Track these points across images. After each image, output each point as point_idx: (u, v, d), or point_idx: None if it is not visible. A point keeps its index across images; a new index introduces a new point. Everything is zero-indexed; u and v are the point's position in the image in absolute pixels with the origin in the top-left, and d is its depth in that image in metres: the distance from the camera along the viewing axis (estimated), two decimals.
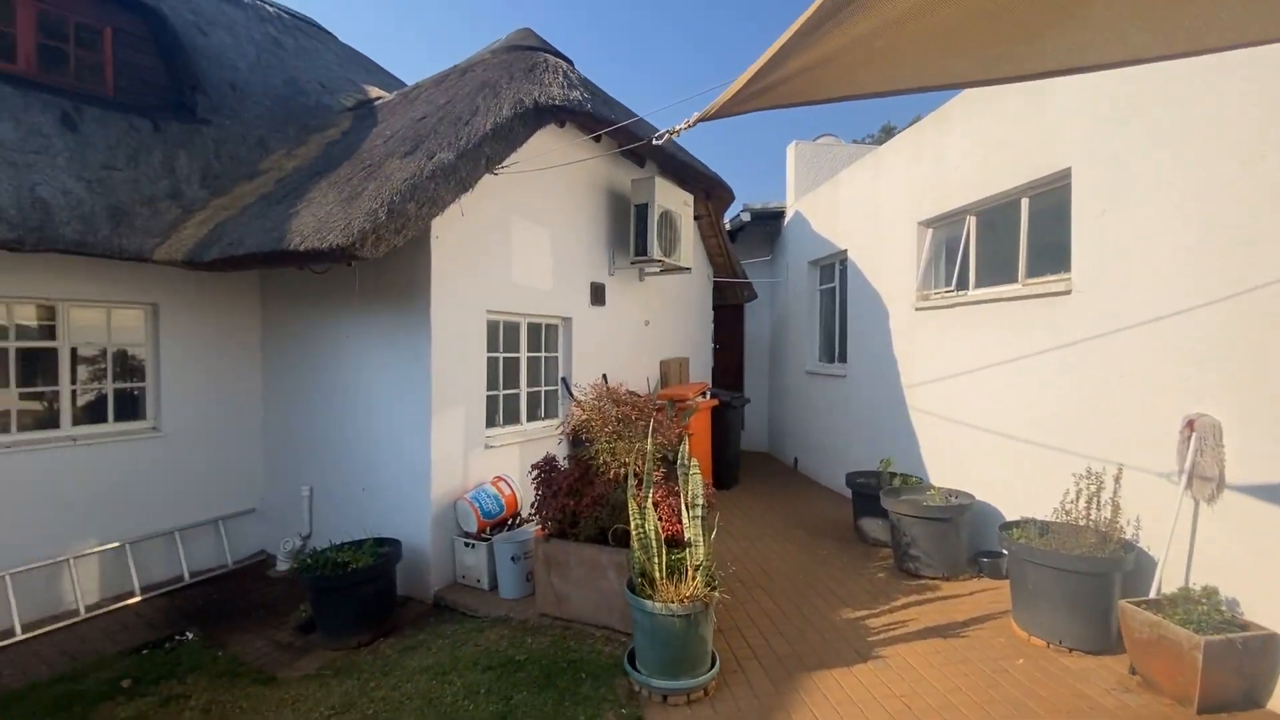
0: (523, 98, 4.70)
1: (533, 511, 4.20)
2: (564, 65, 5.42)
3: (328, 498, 5.29)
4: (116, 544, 4.84)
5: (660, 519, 3.32)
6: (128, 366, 5.22)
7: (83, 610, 4.52)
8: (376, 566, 4.05)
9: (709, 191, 7.90)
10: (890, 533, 5.06)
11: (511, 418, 5.54)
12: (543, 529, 4.07)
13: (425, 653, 3.71)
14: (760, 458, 9.78)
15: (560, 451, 5.06)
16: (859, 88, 2.10)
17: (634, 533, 3.21)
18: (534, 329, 5.79)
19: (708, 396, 7.35)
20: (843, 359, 7.73)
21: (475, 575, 4.60)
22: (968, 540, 4.81)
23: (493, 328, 5.25)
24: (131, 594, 4.80)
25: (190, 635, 4.22)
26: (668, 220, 6.35)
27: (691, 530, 3.17)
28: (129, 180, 4.81)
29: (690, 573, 3.09)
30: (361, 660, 3.73)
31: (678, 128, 2.09)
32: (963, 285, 5.53)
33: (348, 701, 3.20)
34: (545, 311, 5.74)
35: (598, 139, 5.81)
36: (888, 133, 28.26)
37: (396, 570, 4.35)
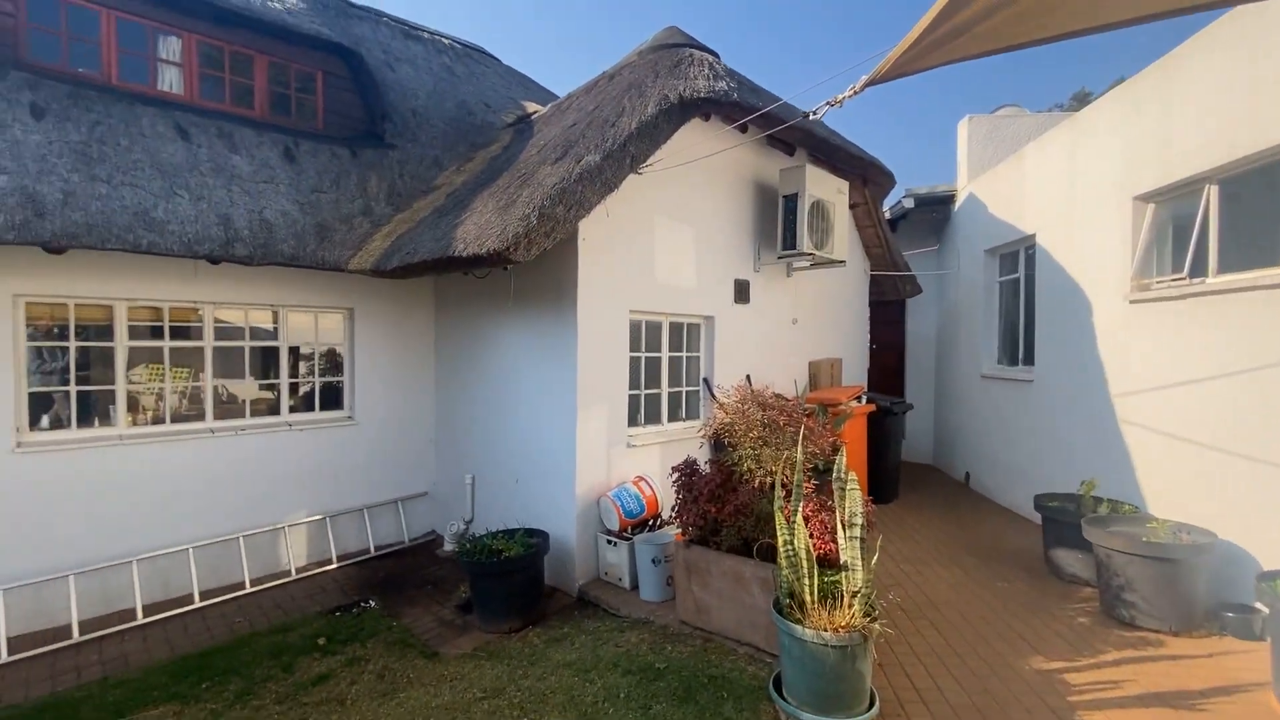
0: (667, 94, 4.63)
1: (673, 515, 4.10)
2: (709, 58, 5.28)
3: (486, 486, 5.66)
4: (320, 517, 5.60)
5: (811, 536, 3.03)
6: (331, 363, 6.03)
7: (293, 572, 5.29)
8: (526, 556, 4.22)
9: (865, 177, 7.28)
10: (1095, 570, 4.23)
11: (653, 418, 5.52)
12: (683, 534, 3.96)
13: (569, 647, 3.78)
14: (923, 470, 8.84)
15: (701, 455, 4.92)
16: (1061, 24, 1.69)
17: (781, 549, 2.97)
18: (675, 328, 5.72)
19: (863, 401, 6.77)
20: (1028, 361, 6.69)
21: (617, 573, 4.63)
22: (1205, 588, 3.86)
23: (635, 327, 5.26)
24: (330, 561, 5.53)
25: (372, 603, 4.73)
26: (819, 210, 5.93)
27: (848, 552, 2.85)
28: (331, 201, 5.52)
29: (846, 599, 2.78)
30: (511, 647, 3.90)
31: (841, 96, 1.85)
32: (1199, 271, 4.47)
33: (497, 687, 3.34)
34: (687, 310, 5.64)
35: (743, 128, 5.58)
36: (1081, 100, 24.28)
37: (545, 561, 4.50)
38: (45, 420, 4.45)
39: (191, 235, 4.43)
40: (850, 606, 2.75)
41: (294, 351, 5.76)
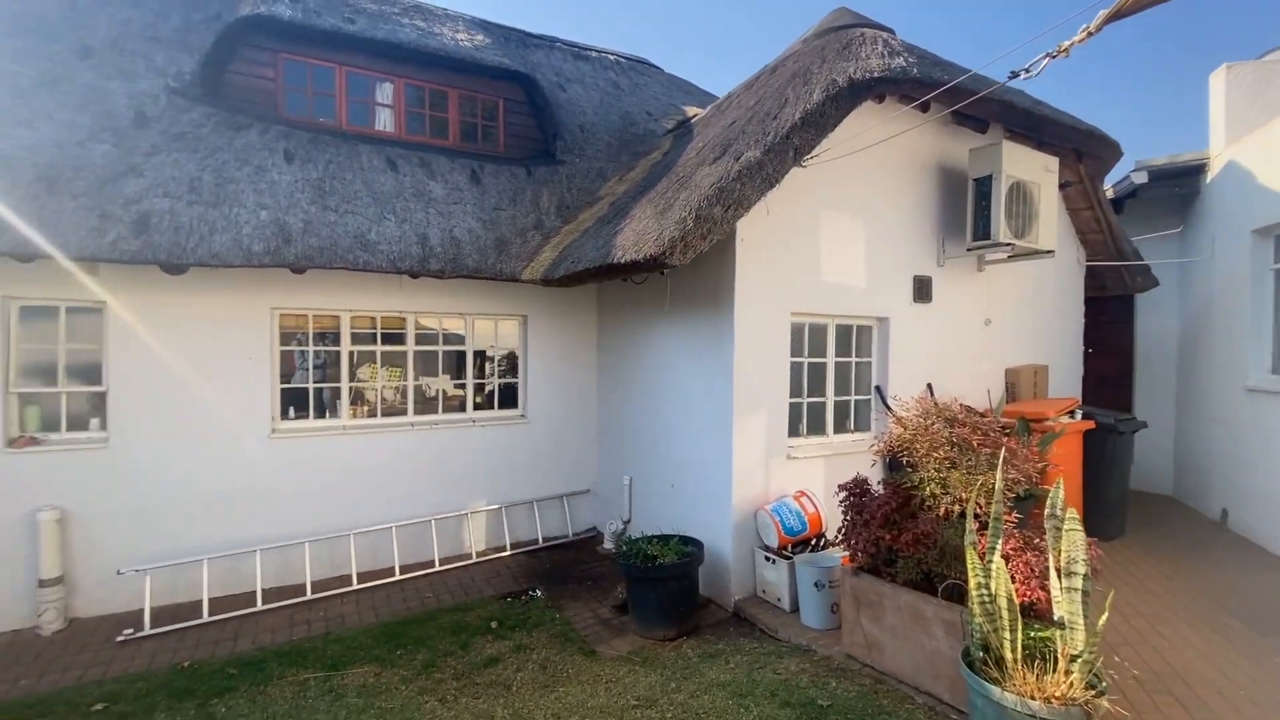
0: (835, 78, 4.28)
1: (839, 536, 3.76)
2: (883, 35, 4.81)
3: (644, 488, 5.73)
4: (496, 506, 6.09)
5: (1013, 580, 2.56)
6: (509, 366, 6.54)
7: (474, 555, 5.80)
8: (681, 565, 4.16)
9: (1080, 150, 6.14)
10: None
11: (816, 428, 5.15)
12: (851, 559, 3.60)
13: (723, 665, 3.63)
14: (1160, 503, 7.24)
15: (874, 474, 4.47)
16: None
17: (974, 591, 2.53)
18: (843, 331, 5.29)
19: (1077, 416, 5.70)
20: None
21: (775, 593, 4.38)
22: None
23: (797, 330, 4.96)
24: (504, 549, 5.98)
25: (539, 593, 5.00)
26: (1019, 193, 5.10)
27: (1065, 606, 2.34)
28: (509, 217, 5.98)
29: (1061, 663, 2.29)
30: (665, 656, 3.86)
31: (1067, 43, 1.48)
32: None
33: (650, 697, 3.31)
34: (856, 312, 5.19)
35: (924, 107, 4.99)
36: None
37: (699, 572, 4.40)
38: (291, 411, 5.38)
39: (396, 253, 5.05)
40: (1068, 674, 2.25)
41: (479, 355, 6.33)
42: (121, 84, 4.91)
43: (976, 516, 2.80)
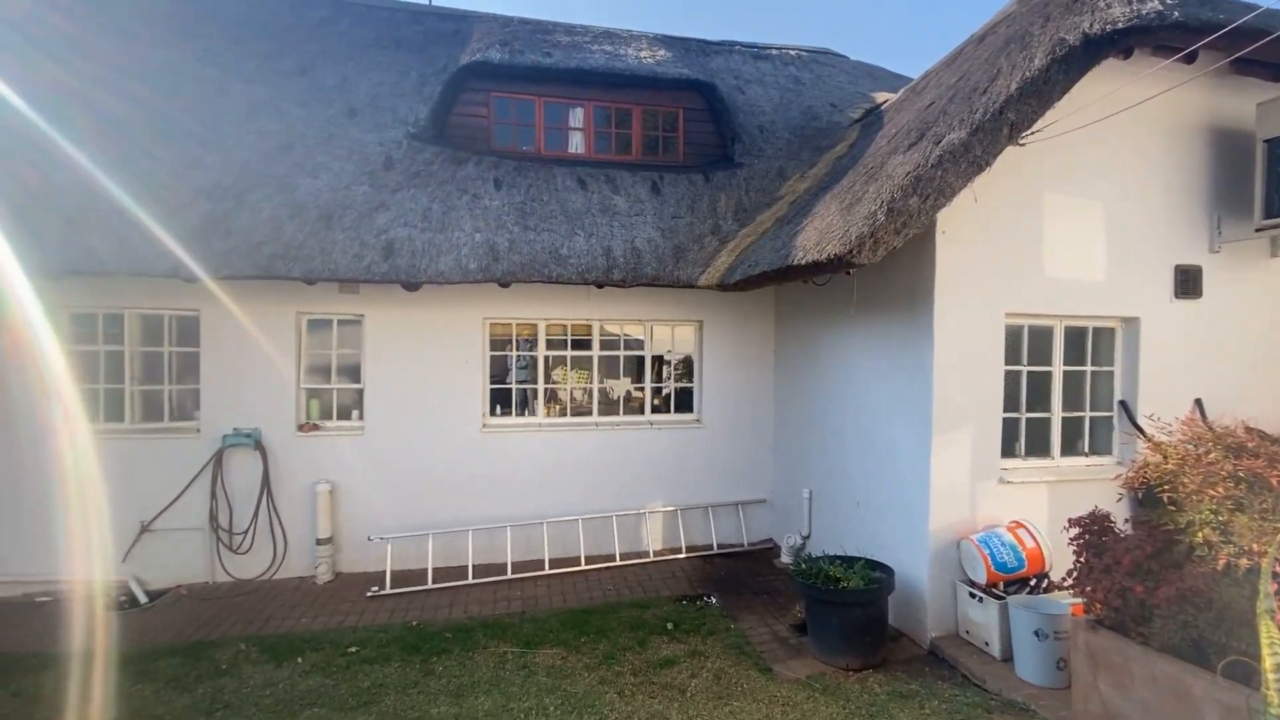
0: (1064, 36, 3.63)
1: (1070, 579, 3.16)
2: None
3: (825, 503, 5.41)
4: (672, 508, 6.21)
5: None
6: (685, 370, 6.65)
7: (651, 554, 5.98)
8: (868, 591, 3.83)
9: None
10: None
11: (1037, 448, 4.42)
12: (1085, 608, 3.01)
13: (918, 710, 3.26)
14: None
15: (1118, 509, 3.67)
16: None
17: (1269, 673, 1.95)
18: (1074, 335, 4.47)
19: None
20: None
21: (982, 635, 3.82)
22: None
23: (1013, 334, 4.30)
24: (679, 551, 6.07)
25: (713, 600, 4.98)
26: None
27: None
28: (687, 225, 6.07)
29: None
30: (849, 688, 3.58)
31: None
32: None
33: None
34: (1093, 311, 4.35)
35: (1190, 58, 4.01)
36: None
37: (888, 601, 4.02)
38: (498, 409, 6.05)
39: (584, 265, 5.41)
40: None
41: (657, 359, 6.54)
42: (375, 135, 5.96)
43: (1276, 576, 2.15)
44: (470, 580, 5.34)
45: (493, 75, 6.51)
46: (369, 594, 5.08)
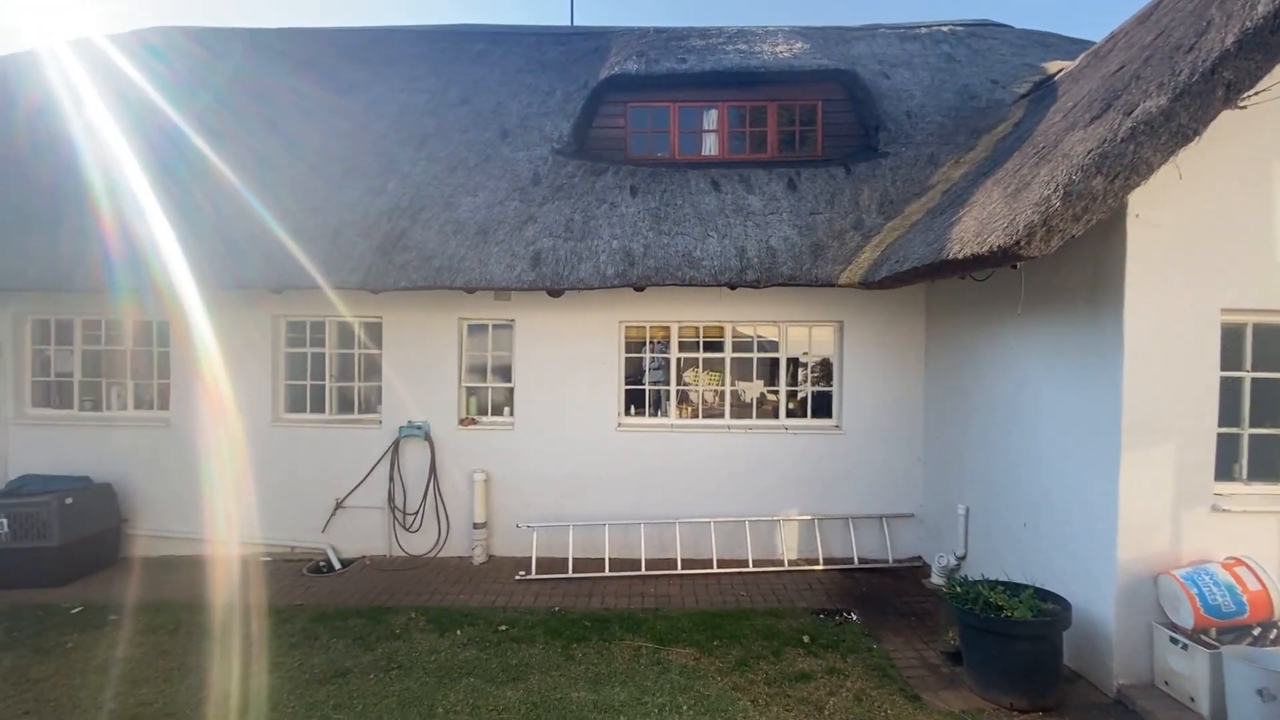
0: None
1: None
2: None
3: (984, 522, 4.91)
4: (809, 517, 5.99)
5: None
6: (823, 374, 6.38)
7: (785, 563, 5.81)
8: (1038, 624, 3.41)
9: None
10: None
11: (1266, 472, 3.65)
12: None
13: None
14: None
15: None
16: None
17: None
18: None
19: None
20: None
21: (1186, 690, 3.24)
22: None
23: (1232, 334, 3.60)
24: (816, 562, 5.84)
25: (854, 616, 4.72)
26: None
27: None
28: (825, 221, 5.83)
29: None
30: None
31: None
32: None
33: None
34: None
35: None
36: None
37: (1062, 637, 3.54)
38: (632, 409, 6.24)
39: (717, 267, 5.41)
40: None
41: (792, 362, 6.34)
42: (525, 153, 6.43)
43: None
44: (607, 573, 5.56)
45: (629, 86, 6.73)
46: (517, 577, 5.49)
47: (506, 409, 6.21)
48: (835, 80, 6.72)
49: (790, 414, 6.29)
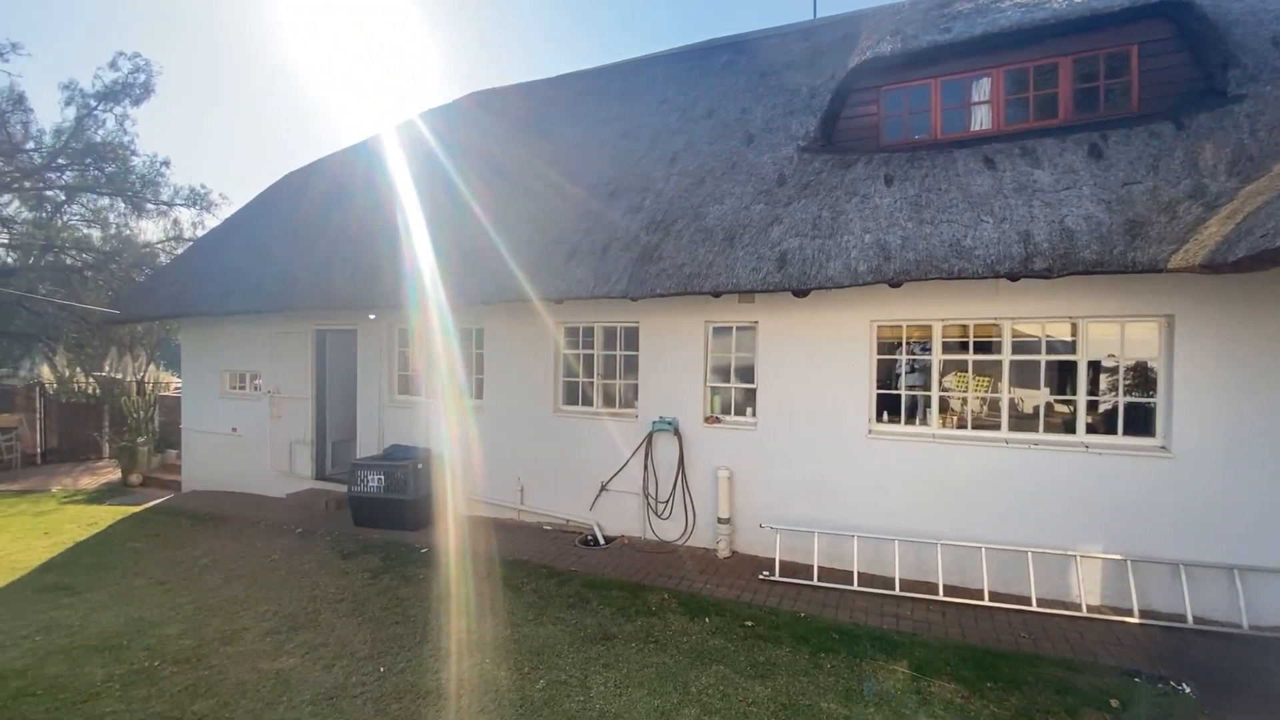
0: None
1: None
2: None
3: None
4: (1118, 557, 4.90)
5: None
6: (1139, 381, 5.17)
7: (1083, 608, 4.84)
8: None
9: None
10: None
11: None
12: None
13: None
14: None
15: None
16: None
17: None
18: None
19: None
20: None
21: None
22: None
23: None
24: (1129, 612, 4.74)
25: (1186, 689, 3.74)
26: None
27: None
28: (1146, 191, 4.72)
29: None
30: None
31: None
32: None
33: None
34: None
35: None
36: None
37: None
38: (884, 415, 5.83)
39: (993, 256, 4.75)
40: None
41: (1092, 366, 5.26)
42: (769, 155, 6.47)
43: None
44: (854, 586, 5.29)
45: (882, 70, 6.30)
46: (760, 576, 5.55)
47: (749, 409, 6.31)
48: (1161, 15, 5.38)
49: (1091, 429, 5.22)
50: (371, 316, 8.11)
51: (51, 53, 32.43)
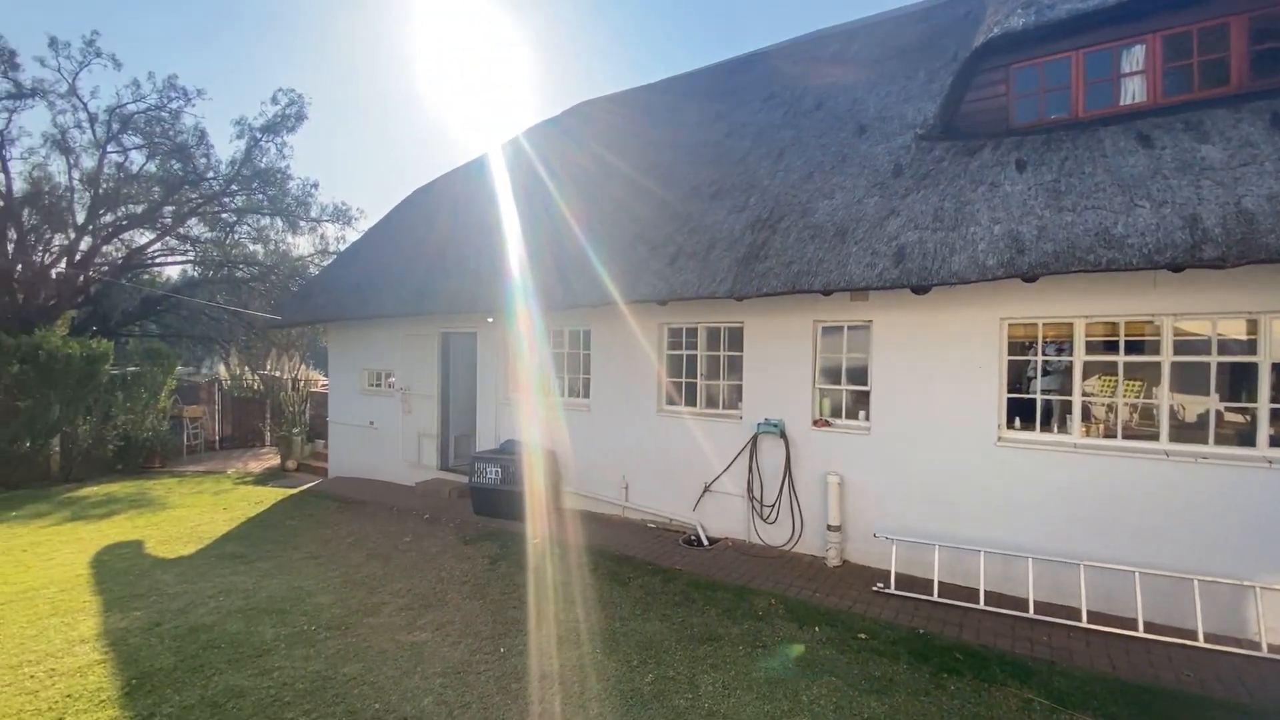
0: None
1: None
2: None
3: None
4: None
5: None
6: None
7: (1263, 647, 4.18)
8: None
9: None
10: None
11: None
12: None
13: None
14: None
15: None
16: None
17: None
18: None
19: None
20: None
21: None
22: None
23: None
24: None
25: None
26: None
27: None
28: None
29: None
30: None
31: None
32: None
33: None
34: None
35: None
36: None
37: None
38: (1016, 421, 5.36)
39: (1151, 245, 4.23)
40: None
41: (1277, 369, 4.53)
42: (883, 145, 6.16)
43: None
44: (980, 605, 4.92)
45: (1013, 46, 5.81)
46: (874, 588, 5.30)
47: (861, 412, 6.04)
48: None
49: (1274, 442, 4.49)
50: (489, 320, 8.65)
51: (225, 91, 37.63)
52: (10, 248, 15.14)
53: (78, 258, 16.23)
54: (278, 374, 17.44)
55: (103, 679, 3.90)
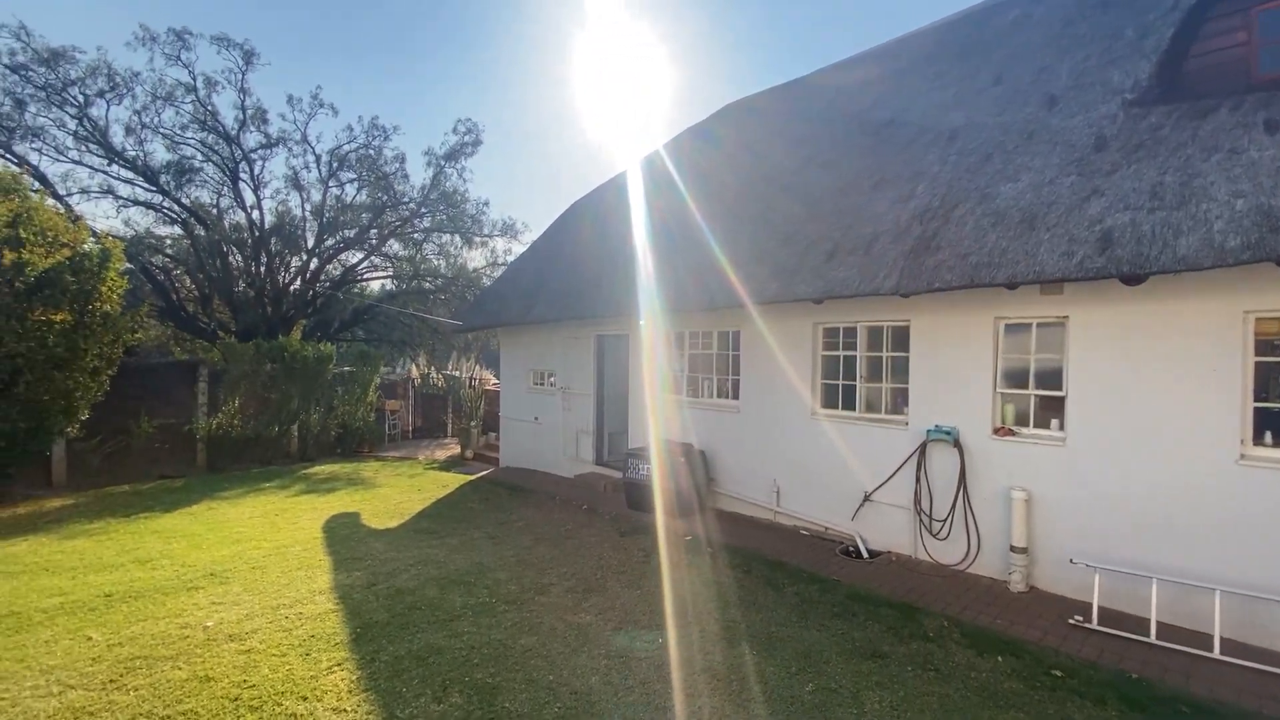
0: None
1: None
2: None
3: None
4: None
5: None
6: None
7: None
8: None
9: None
10: None
11: None
12: None
13: None
14: None
15: None
16: None
17: None
18: None
19: None
20: None
21: None
22: None
23: None
24: None
25: None
26: None
27: None
28: None
29: None
30: None
31: None
32: None
33: None
34: None
35: None
36: None
37: None
38: (1268, 436, 4.40)
39: None
40: None
41: None
42: (1080, 117, 5.40)
43: None
44: (1215, 654, 4.11)
45: None
46: (1070, 620, 4.66)
47: (1054, 421, 5.34)
48: None
49: None
50: (641, 323, 8.98)
51: (412, 122, 43.27)
52: (263, 270, 18.71)
53: (308, 276, 19.61)
54: (457, 374, 19.59)
55: (335, 625, 4.69)
